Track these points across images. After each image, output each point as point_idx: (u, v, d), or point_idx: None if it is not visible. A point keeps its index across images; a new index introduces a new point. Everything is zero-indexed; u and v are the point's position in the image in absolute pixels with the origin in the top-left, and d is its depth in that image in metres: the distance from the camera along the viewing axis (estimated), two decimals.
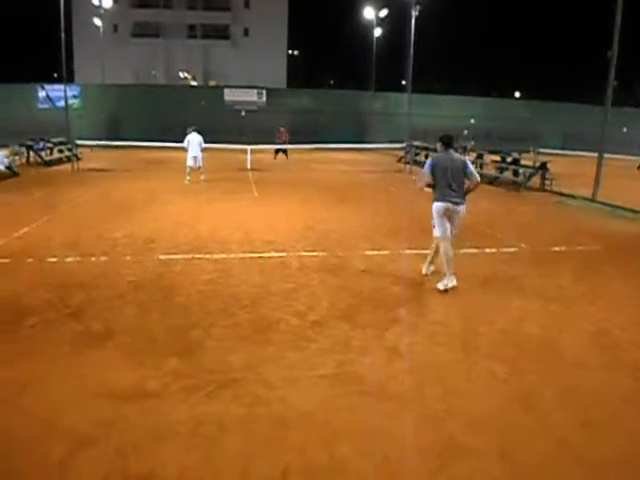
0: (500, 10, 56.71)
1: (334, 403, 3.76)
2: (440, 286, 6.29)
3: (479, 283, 6.66)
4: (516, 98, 53.06)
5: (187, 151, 16.00)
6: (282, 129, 23.93)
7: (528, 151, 22.05)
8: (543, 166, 16.62)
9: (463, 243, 8.65)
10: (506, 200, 14.40)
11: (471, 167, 6.53)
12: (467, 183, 6.53)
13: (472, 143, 25.20)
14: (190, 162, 15.94)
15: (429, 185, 6.59)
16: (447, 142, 6.62)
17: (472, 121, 35.09)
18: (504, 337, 4.99)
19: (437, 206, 6.51)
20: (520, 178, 16.83)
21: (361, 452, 3.22)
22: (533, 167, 17.05)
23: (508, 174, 17.80)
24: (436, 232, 6.62)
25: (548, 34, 54.68)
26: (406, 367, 4.36)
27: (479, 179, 6.60)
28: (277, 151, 23.79)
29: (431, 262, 6.94)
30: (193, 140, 15.85)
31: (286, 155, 23.52)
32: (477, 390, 4.00)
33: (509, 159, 18.42)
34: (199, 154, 15.93)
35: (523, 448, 3.29)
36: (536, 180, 16.55)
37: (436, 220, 6.55)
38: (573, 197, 14.42)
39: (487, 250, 8.34)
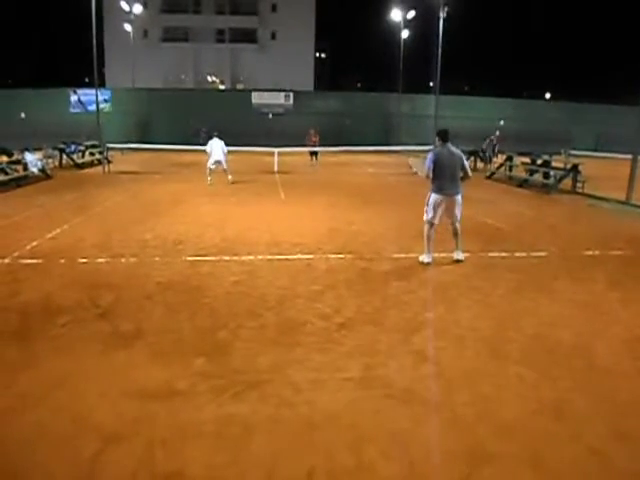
0: (531, 10, 55.87)
1: (360, 406, 3.74)
2: (421, 259, 7.43)
3: (508, 287, 6.55)
4: (546, 99, 52.18)
5: (209, 155, 16.34)
6: (312, 131, 23.48)
7: (559, 153, 21.67)
8: (574, 168, 16.28)
9: (491, 246, 8.54)
10: (536, 203, 14.14)
11: (466, 162, 7.46)
12: (461, 174, 7.36)
13: (495, 143, 24.39)
14: (211, 165, 16.29)
15: (428, 176, 7.32)
16: (444, 136, 7.34)
17: (502, 122, 34.61)
18: (534, 342, 4.90)
19: (434, 197, 7.32)
20: (551, 180, 16.50)
21: (387, 456, 3.20)
22: (564, 169, 16.72)
23: (538, 176, 17.48)
24: (426, 216, 7.41)
25: (580, 34, 53.66)
26: (433, 371, 4.31)
27: (471, 174, 7.59)
28: (311, 153, 23.08)
29: (457, 246, 7.63)
30: (216, 145, 16.18)
31: (316, 157, 22.97)
32: (506, 396, 3.93)
33: (539, 161, 18.09)
34: (222, 158, 16.19)
35: (553, 456, 3.22)
36: (567, 183, 16.22)
37: (429, 207, 7.36)
38: (606, 200, 14.09)
39: (517, 254, 8.19)
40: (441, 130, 7.43)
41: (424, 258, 7.43)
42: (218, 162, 16.20)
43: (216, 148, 16.18)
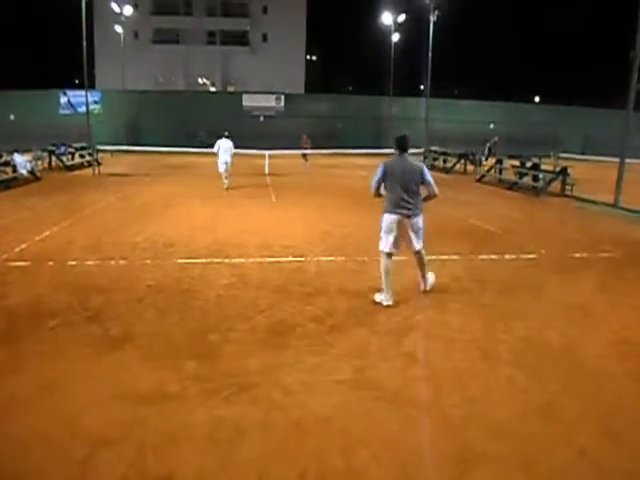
0: (519, 13, 56.33)
1: (351, 409, 3.75)
2: (377, 298, 5.94)
3: (498, 290, 6.60)
4: (536, 102, 52.58)
5: (217, 156, 15.77)
6: (304, 136, 26.18)
7: (548, 156, 21.86)
8: (563, 171, 16.43)
9: (481, 249, 8.59)
10: (525, 206, 14.24)
11: (429, 175, 5.80)
12: (424, 192, 5.88)
13: (494, 142, 25.71)
14: (222, 168, 15.75)
15: (378, 194, 5.99)
16: (401, 144, 5.81)
17: (491, 126, 34.85)
18: (524, 344, 4.93)
19: (386, 218, 5.88)
20: (540, 183, 16.64)
21: (378, 458, 3.21)
22: (553, 172, 16.87)
23: (528, 179, 17.61)
24: (380, 244, 5.99)
25: (567, 37, 54.16)
26: (424, 373, 4.33)
27: (437, 191, 5.84)
28: (303, 155, 26.19)
29: (422, 277, 6.35)
30: (224, 145, 15.60)
31: (305, 158, 25.71)
32: (496, 397, 3.96)
33: (529, 164, 18.23)
34: (230, 160, 15.69)
35: (543, 457, 3.25)
36: (556, 185, 16.36)
37: (383, 232, 5.94)
38: (594, 203, 14.23)
39: (506, 256, 8.25)
40: (398, 137, 5.86)
41: (382, 299, 5.89)
42: (226, 163, 15.65)
43: (223, 148, 15.57)
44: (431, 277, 6.38)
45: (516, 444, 3.37)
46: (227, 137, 15.80)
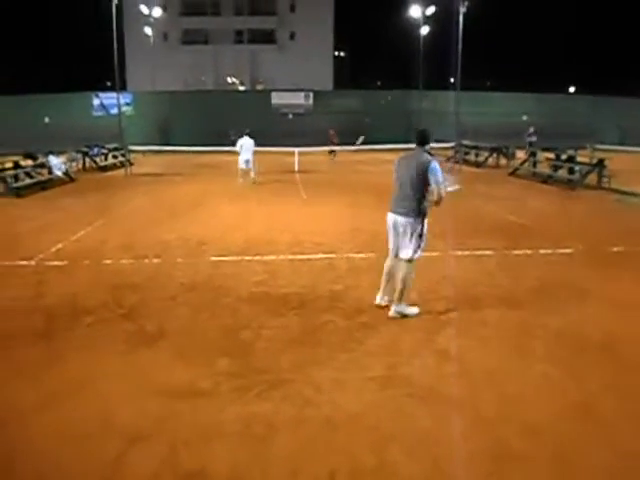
0: (552, 3, 54.97)
1: (383, 406, 3.72)
2: (386, 307, 5.44)
3: (533, 285, 6.45)
4: (570, 93, 51.31)
5: (239, 154, 16.41)
6: (332, 131, 25.75)
7: (584, 148, 21.27)
8: (600, 163, 15.96)
9: (515, 244, 8.42)
10: (561, 199, 13.90)
11: (435, 174, 5.08)
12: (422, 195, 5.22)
13: (534, 139, 25.30)
14: (242, 165, 16.35)
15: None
16: (419, 138, 5.32)
17: (524, 118, 34.11)
18: (561, 341, 4.81)
19: (387, 216, 5.50)
20: (576, 176, 16.19)
21: (410, 455, 3.17)
22: (589, 164, 16.41)
23: (563, 172, 17.17)
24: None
25: (604, 25, 52.62)
26: (457, 370, 4.26)
27: (443, 193, 5.11)
28: (331, 151, 25.59)
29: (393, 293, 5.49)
30: (245, 144, 16.25)
31: (333, 155, 25.18)
32: (532, 395, 3.87)
33: (564, 156, 17.77)
34: (251, 157, 16.32)
35: (580, 458, 3.16)
36: (593, 178, 15.90)
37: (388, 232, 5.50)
38: (633, 195, 13.78)
39: (541, 251, 8.06)
40: (419, 129, 5.45)
41: (377, 298, 5.63)
42: (247, 161, 16.32)
43: (245, 146, 16.28)
44: (411, 310, 5.39)
45: (552, 443, 3.29)
46: (249, 135, 16.40)
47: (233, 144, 17.07)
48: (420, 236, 5.29)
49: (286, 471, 3.05)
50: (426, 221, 5.34)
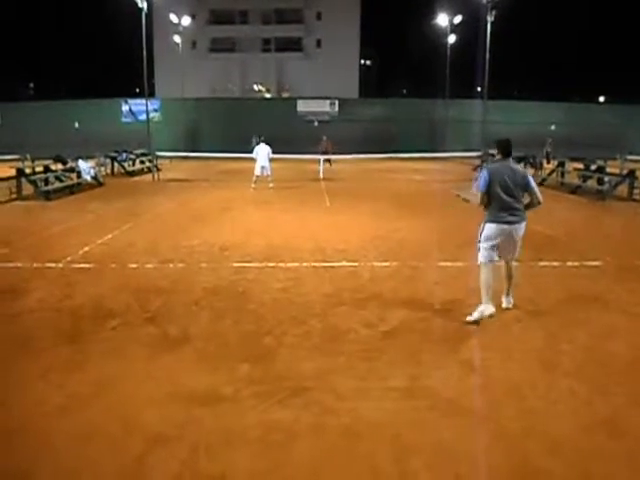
0: (582, 11, 54.24)
1: (404, 416, 3.69)
2: (470, 318, 5.42)
3: (560, 298, 6.33)
4: (600, 102, 50.45)
5: (255, 161, 16.83)
6: (325, 138, 25.54)
7: (614, 158, 20.87)
8: (631, 174, 15.63)
9: (542, 255, 8.29)
10: (590, 210, 13.65)
11: (533, 183, 5.56)
12: (527, 200, 5.60)
13: (549, 149, 25.16)
14: (258, 171, 16.71)
15: (483, 202, 5.55)
16: (505, 149, 5.55)
17: (552, 127, 33.66)
18: (587, 355, 4.71)
19: (489, 228, 5.53)
20: (605, 187, 15.88)
21: (431, 468, 3.13)
22: (620, 175, 16.10)
23: (592, 183, 16.86)
24: (480, 256, 5.58)
25: (634, 34, 51.67)
26: (480, 383, 4.20)
27: (541, 199, 5.57)
28: (326, 160, 24.08)
29: (508, 290, 5.93)
30: (262, 151, 16.69)
31: (329, 164, 24.34)
32: (556, 410, 3.79)
33: (593, 167, 17.45)
34: (267, 164, 16.68)
35: (607, 475, 3.08)
36: (623, 189, 15.59)
37: (483, 243, 5.56)
38: None
39: (569, 263, 7.92)
40: (501, 140, 5.58)
41: (484, 310, 5.46)
42: (263, 168, 16.64)
43: (262, 153, 16.69)
44: (511, 300, 5.92)
45: (577, 460, 3.21)
46: (265, 143, 16.87)
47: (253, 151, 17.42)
48: None
49: (306, 478, 3.03)
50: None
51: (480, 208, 5.68)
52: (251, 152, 17.37)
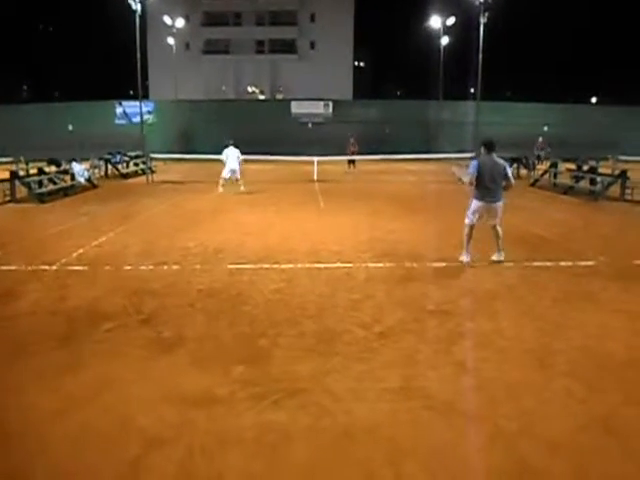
0: (574, 12, 54.51)
1: (399, 417, 3.69)
2: (461, 258, 7.77)
3: (554, 298, 6.36)
4: (593, 104, 50.74)
5: (225, 164, 16.61)
6: (352, 140, 25.74)
7: (606, 159, 20.99)
8: (623, 174, 15.72)
9: (536, 255, 8.33)
10: (582, 211, 13.71)
11: (509, 172, 7.65)
12: (504, 183, 7.56)
13: (549, 150, 25.18)
14: (226, 174, 16.53)
15: (471, 183, 7.56)
16: (489, 146, 7.62)
17: (545, 128, 33.82)
18: (582, 354, 4.73)
19: (475, 203, 7.68)
20: (598, 187, 15.96)
21: (427, 470, 3.13)
22: (612, 175, 16.18)
23: (584, 183, 16.95)
24: (467, 220, 7.74)
25: (625, 36, 52.01)
26: (475, 383, 4.21)
27: (513, 182, 7.69)
28: (350, 161, 25.32)
29: (497, 247, 7.84)
30: (231, 154, 16.47)
31: (354, 165, 25.13)
32: (552, 409, 3.80)
33: (586, 167, 17.55)
34: (237, 167, 16.49)
35: (603, 474, 3.09)
36: (615, 190, 15.67)
37: (470, 213, 7.72)
38: None
39: (562, 263, 7.95)
40: (487, 140, 7.70)
41: (463, 257, 7.76)
42: (233, 171, 16.48)
43: (231, 157, 16.45)
44: (501, 255, 7.84)
45: (573, 459, 3.22)
46: (234, 146, 16.62)
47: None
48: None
49: None
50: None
51: (470, 188, 7.70)
52: (246, 153, 17.31)
